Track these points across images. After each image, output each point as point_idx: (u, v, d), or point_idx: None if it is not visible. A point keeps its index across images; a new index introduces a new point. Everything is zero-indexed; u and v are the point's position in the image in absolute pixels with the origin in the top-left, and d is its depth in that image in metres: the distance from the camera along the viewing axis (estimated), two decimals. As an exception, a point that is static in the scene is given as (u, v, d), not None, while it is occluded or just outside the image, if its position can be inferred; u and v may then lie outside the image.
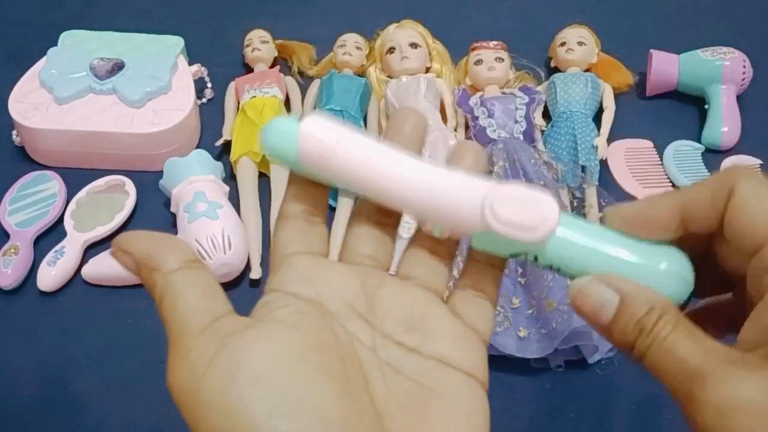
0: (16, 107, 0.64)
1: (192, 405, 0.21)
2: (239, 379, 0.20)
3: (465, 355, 0.25)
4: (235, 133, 0.65)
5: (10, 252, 0.57)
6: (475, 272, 0.27)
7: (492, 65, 0.67)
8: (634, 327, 0.22)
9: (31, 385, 0.52)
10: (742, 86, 0.69)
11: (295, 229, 0.26)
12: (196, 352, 0.22)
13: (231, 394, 0.20)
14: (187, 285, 0.23)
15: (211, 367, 0.21)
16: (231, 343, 0.21)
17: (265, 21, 0.75)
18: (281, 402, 0.20)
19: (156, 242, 0.24)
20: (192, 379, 0.21)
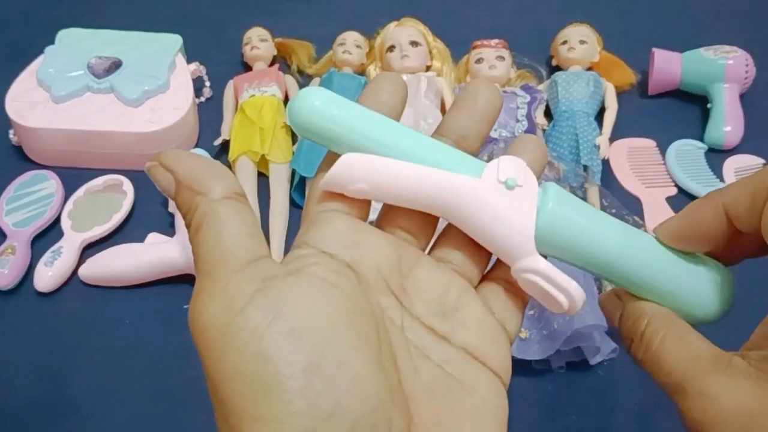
0: (13, 106, 0.64)
1: (219, 344, 0.19)
2: (279, 326, 0.19)
3: (493, 352, 0.24)
4: (233, 132, 0.65)
5: (7, 252, 0.57)
6: None
7: (493, 64, 0.67)
8: (630, 336, 0.24)
9: (29, 386, 0.52)
10: (745, 85, 0.68)
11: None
12: (235, 288, 0.20)
13: (268, 339, 0.19)
14: (233, 217, 0.21)
15: (249, 307, 0.19)
16: (274, 286, 0.20)
17: (264, 19, 0.75)
18: (320, 360, 0.19)
19: (205, 166, 0.22)
20: (225, 316, 0.19)
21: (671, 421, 0.51)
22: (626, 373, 0.51)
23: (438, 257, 0.25)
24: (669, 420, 0.50)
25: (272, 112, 0.65)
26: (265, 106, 0.65)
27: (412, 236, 0.25)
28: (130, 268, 0.56)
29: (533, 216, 0.23)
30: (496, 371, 0.24)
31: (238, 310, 0.19)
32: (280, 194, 0.61)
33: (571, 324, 0.48)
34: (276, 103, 0.66)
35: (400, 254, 0.24)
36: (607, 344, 0.50)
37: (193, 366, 0.52)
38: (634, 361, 0.24)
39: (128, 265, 0.56)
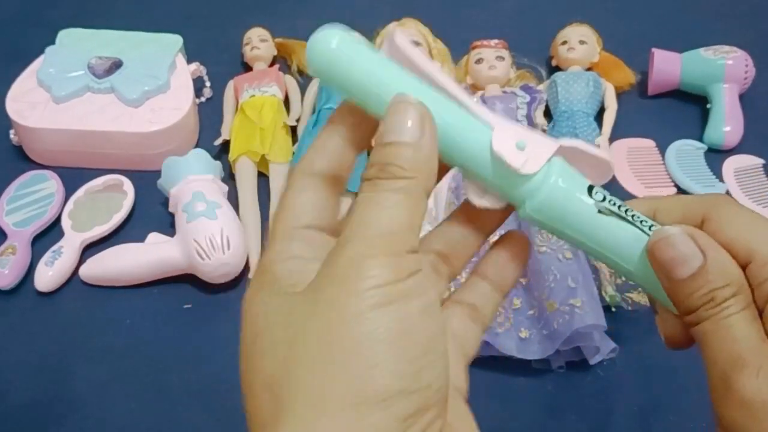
0: (13, 106, 0.64)
1: (374, 289, 0.20)
2: (424, 302, 0.21)
3: (452, 371, 0.25)
4: (233, 132, 0.65)
5: (7, 252, 0.57)
6: (479, 291, 0.27)
7: (493, 64, 0.67)
8: (706, 295, 0.22)
9: (29, 385, 0.52)
10: (744, 85, 0.68)
11: (313, 195, 0.24)
12: (408, 261, 0.21)
13: (414, 304, 0.21)
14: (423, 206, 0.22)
15: (411, 278, 0.21)
16: (422, 272, 0.22)
17: (265, 19, 0.75)
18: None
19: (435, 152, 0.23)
20: (391, 274, 0.21)
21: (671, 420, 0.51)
22: (626, 372, 0.51)
23: None
24: (668, 420, 0.50)
25: (272, 112, 0.65)
26: (266, 106, 0.65)
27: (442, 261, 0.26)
28: (130, 268, 0.56)
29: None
30: (457, 388, 0.25)
31: (399, 278, 0.21)
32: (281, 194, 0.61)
33: (570, 324, 0.48)
34: (276, 104, 0.66)
35: None
36: (607, 344, 0.50)
37: (193, 366, 0.53)
38: (680, 315, 0.23)
39: (128, 265, 0.56)
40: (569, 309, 0.49)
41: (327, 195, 0.24)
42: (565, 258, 0.52)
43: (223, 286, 0.56)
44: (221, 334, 0.54)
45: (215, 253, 0.54)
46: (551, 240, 0.53)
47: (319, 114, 0.64)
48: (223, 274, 0.55)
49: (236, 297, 0.56)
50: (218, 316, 0.55)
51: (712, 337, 0.22)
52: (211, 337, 0.54)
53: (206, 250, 0.54)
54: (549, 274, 0.51)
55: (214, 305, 0.56)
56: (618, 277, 0.54)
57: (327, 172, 0.24)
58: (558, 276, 0.51)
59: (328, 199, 0.24)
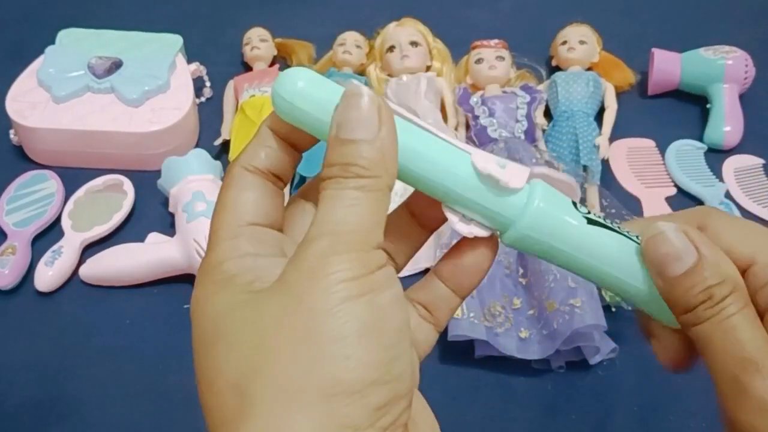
0: (13, 106, 0.64)
1: (343, 283, 0.20)
2: (395, 293, 0.21)
3: None
4: (233, 132, 0.65)
5: (7, 252, 0.57)
6: (436, 293, 0.26)
7: (493, 64, 0.67)
8: (703, 292, 0.22)
9: (29, 386, 0.52)
10: (744, 85, 0.68)
11: (256, 191, 0.24)
12: (375, 256, 0.21)
13: (385, 295, 0.21)
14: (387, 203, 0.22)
15: (379, 271, 0.21)
16: (388, 266, 0.22)
17: (264, 19, 0.75)
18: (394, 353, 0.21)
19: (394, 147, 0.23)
20: (362, 268, 0.21)
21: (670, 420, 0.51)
22: (626, 372, 0.51)
23: None
24: (668, 420, 0.50)
25: (272, 112, 0.65)
26: (266, 106, 0.65)
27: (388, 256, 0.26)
28: (130, 267, 0.56)
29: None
30: None
31: (369, 271, 0.21)
32: (280, 194, 0.61)
33: (570, 324, 0.48)
34: (276, 103, 0.66)
35: None
36: (607, 344, 0.50)
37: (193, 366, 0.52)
38: (678, 319, 0.23)
39: (128, 265, 0.56)
40: (569, 309, 0.49)
41: (270, 190, 0.24)
42: (565, 258, 0.52)
43: (223, 286, 0.56)
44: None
45: (215, 253, 0.54)
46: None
47: (319, 114, 0.64)
48: (223, 274, 0.55)
49: (236, 297, 0.56)
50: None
51: (716, 340, 0.21)
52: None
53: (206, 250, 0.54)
54: (549, 274, 0.51)
55: (214, 305, 0.56)
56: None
57: (268, 167, 0.24)
58: (558, 276, 0.51)
59: (272, 195, 0.24)
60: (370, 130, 0.21)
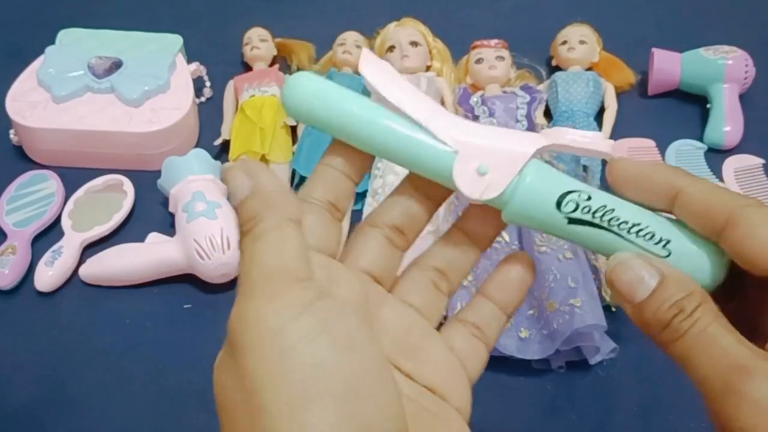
0: (13, 106, 0.64)
1: (268, 346, 0.20)
2: (330, 338, 0.20)
3: (454, 391, 0.25)
4: (233, 132, 0.65)
5: (7, 252, 0.57)
6: (484, 311, 0.27)
7: (493, 64, 0.67)
8: (672, 307, 0.22)
9: (29, 386, 0.52)
10: (744, 85, 0.68)
11: (315, 220, 0.25)
12: (293, 296, 0.21)
13: (319, 347, 0.20)
14: (298, 236, 0.22)
15: (304, 315, 0.20)
16: (328, 301, 0.21)
17: (265, 19, 0.75)
18: (363, 376, 0.20)
19: (280, 186, 0.23)
20: (277, 320, 0.20)
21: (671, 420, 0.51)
22: (626, 372, 0.51)
23: (399, 298, 0.27)
24: (668, 419, 0.50)
25: (272, 112, 0.65)
26: (265, 106, 0.65)
27: (375, 277, 0.26)
28: (130, 267, 0.56)
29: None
30: (457, 408, 0.25)
31: (292, 316, 0.20)
32: (280, 194, 0.61)
33: (570, 324, 0.48)
34: (276, 103, 0.66)
35: (368, 293, 0.25)
36: (607, 344, 0.50)
37: (193, 366, 0.52)
38: (655, 341, 0.23)
39: (128, 265, 0.56)
40: (569, 309, 0.49)
41: (327, 220, 0.25)
42: (565, 258, 0.52)
43: (222, 286, 0.56)
44: (221, 334, 0.53)
45: (215, 253, 0.54)
46: (551, 240, 0.53)
47: (319, 114, 0.64)
48: (222, 274, 0.55)
49: (236, 297, 0.56)
50: (218, 316, 0.55)
51: (699, 352, 0.21)
52: (211, 337, 0.54)
53: (206, 250, 0.54)
54: (549, 274, 0.51)
55: (214, 305, 0.56)
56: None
57: (326, 199, 0.25)
58: (558, 276, 0.51)
59: (328, 225, 0.25)
60: (246, 190, 0.22)
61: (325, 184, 0.25)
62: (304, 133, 0.64)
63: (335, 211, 0.25)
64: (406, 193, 0.27)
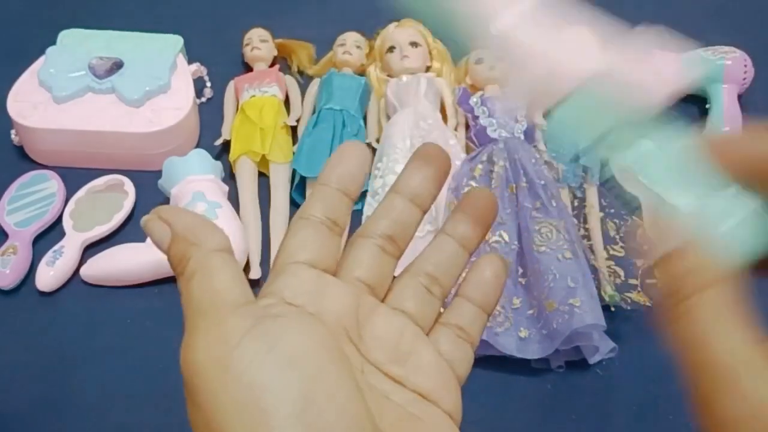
0: (14, 106, 0.64)
1: (216, 376, 0.20)
2: (275, 357, 0.20)
3: (445, 395, 0.26)
4: (234, 132, 0.65)
5: (8, 252, 0.57)
6: (464, 313, 0.28)
7: (493, 64, 0.67)
8: (682, 276, 0.21)
9: (30, 385, 0.52)
10: (743, 86, 0.69)
11: (311, 234, 0.26)
12: (231, 325, 0.21)
13: (265, 369, 0.20)
14: (225, 266, 0.23)
15: (245, 340, 0.21)
16: (267, 322, 0.21)
17: (265, 20, 0.75)
18: (313, 390, 0.20)
19: (200, 221, 0.24)
20: (222, 349, 0.21)
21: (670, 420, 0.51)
22: (625, 372, 0.52)
23: (392, 305, 0.27)
24: (667, 419, 0.50)
25: (273, 113, 0.65)
26: (266, 106, 0.65)
27: (369, 286, 0.27)
28: (131, 267, 0.56)
29: None
30: (448, 412, 0.25)
31: (235, 343, 0.21)
32: (281, 194, 0.61)
33: (570, 323, 0.49)
34: (276, 104, 0.66)
35: (359, 303, 0.26)
36: (606, 343, 0.50)
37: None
38: (661, 316, 0.22)
39: (129, 265, 0.56)
40: (568, 309, 0.49)
41: (324, 234, 0.26)
42: (564, 258, 0.52)
43: (223, 285, 0.56)
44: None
45: (216, 252, 0.54)
46: (551, 240, 0.53)
47: (320, 114, 0.64)
48: (223, 274, 0.55)
49: (237, 297, 0.56)
50: (219, 315, 0.55)
51: (692, 338, 0.21)
52: (212, 337, 0.54)
53: (207, 250, 0.54)
54: (548, 274, 0.52)
55: (215, 305, 0.56)
56: (617, 277, 0.54)
57: (324, 215, 0.26)
58: (557, 276, 0.51)
59: (324, 239, 0.26)
60: (164, 235, 0.24)
61: (323, 201, 0.26)
62: (304, 133, 0.64)
63: (334, 225, 0.26)
64: (393, 202, 0.28)
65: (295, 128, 0.66)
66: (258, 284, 0.57)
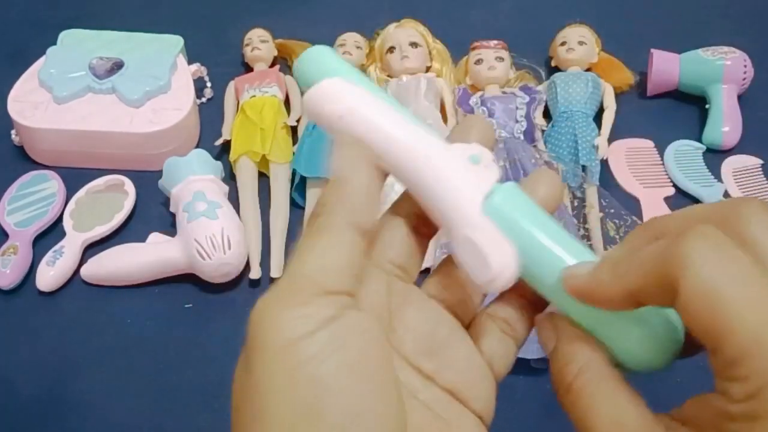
0: (14, 106, 0.64)
1: (278, 354, 0.19)
2: (341, 359, 0.20)
3: (477, 394, 0.24)
4: (234, 132, 0.65)
5: (9, 252, 0.57)
6: (513, 305, 0.25)
7: (492, 65, 0.67)
8: (555, 378, 0.23)
9: (30, 385, 0.52)
10: (743, 86, 0.69)
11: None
12: (316, 308, 0.20)
13: (328, 368, 0.19)
14: (356, 245, 0.22)
15: (324, 330, 0.20)
16: (341, 320, 0.20)
17: (265, 20, 0.75)
18: (363, 404, 0.20)
19: (373, 193, 0.23)
20: (294, 332, 0.20)
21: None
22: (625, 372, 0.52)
23: (430, 292, 0.25)
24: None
25: (273, 113, 0.65)
26: (266, 106, 0.65)
27: (402, 269, 0.25)
28: (131, 267, 0.56)
29: (486, 189, 0.23)
30: (478, 413, 0.24)
31: (311, 330, 0.20)
32: (281, 194, 0.62)
33: (569, 323, 0.49)
34: (277, 104, 0.66)
35: (390, 290, 0.24)
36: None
37: (194, 366, 0.53)
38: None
39: (130, 265, 0.56)
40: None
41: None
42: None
43: (223, 286, 0.56)
44: (222, 334, 0.54)
45: (216, 252, 0.54)
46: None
47: (320, 114, 0.64)
48: (223, 274, 0.55)
49: (237, 297, 0.57)
50: (219, 316, 0.55)
51: (580, 428, 0.22)
52: (212, 337, 0.54)
53: (207, 250, 0.54)
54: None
55: (215, 305, 0.56)
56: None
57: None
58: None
59: None
60: (340, 171, 0.22)
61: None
62: (304, 133, 0.64)
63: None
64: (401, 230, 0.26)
65: (296, 128, 0.67)
66: (258, 284, 0.57)
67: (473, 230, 0.22)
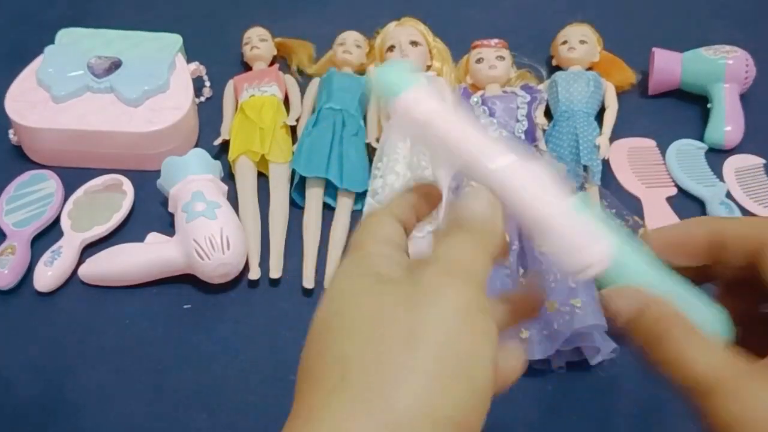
0: (12, 106, 0.64)
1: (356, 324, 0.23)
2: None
3: None
4: (233, 132, 0.65)
5: (6, 252, 0.57)
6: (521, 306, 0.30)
7: (493, 64, 0.67)
8: (647, 332, 0.24)
9: (28, 386, 0.52)
10: (745, 85, 0.68)
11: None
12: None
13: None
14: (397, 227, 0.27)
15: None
16: None
17: (264, 19, 0.75)
18: None
19: (490, 214, 0.26)
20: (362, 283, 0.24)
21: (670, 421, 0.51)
22: (626, 373, 0.51)
23: None
24: (668, 420, 0.50)
25: (272, 112, 0.65)
26: (265, 106, 0.65)
27: None
28: (129, 267, 0.56)
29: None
30: None
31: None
32: (280, 194, 0.61)
33: (571, 324, 0.48)
34: (276, 103, 0.66)
35: None
36: (607, 344, 0.50)
37: (192, 366, 0.52)
38: (645, 361, 0.25)
39: (128, 265, 0.56)
40: (570, 309, 0.49)
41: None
42: (565, 258, 0.52)
43: (222, 286, 0.56)
44: (221, 334, 0.53)
45: (215, 252, 0.54)
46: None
47: (319, 114, 0.64)
48: (222, 274, 0.55)
49: (236, 297, 0.56)
50: (218, 316, 0.55)
51: (679, 372, 0.24)
52: (211, 337, 0.54)
53: (206, 250, 0.54)
54: (550, 274, 0.51)
55: (214, 305, 0.56)
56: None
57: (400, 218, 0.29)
58: (559, 276, 0.51)
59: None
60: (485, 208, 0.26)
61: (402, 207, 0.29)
62: (303, 133, 0.64)
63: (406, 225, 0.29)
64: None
65: (295, 128, 0.66)
66: (257, 284, 0.57)
67: (571, 223, 0.26)
